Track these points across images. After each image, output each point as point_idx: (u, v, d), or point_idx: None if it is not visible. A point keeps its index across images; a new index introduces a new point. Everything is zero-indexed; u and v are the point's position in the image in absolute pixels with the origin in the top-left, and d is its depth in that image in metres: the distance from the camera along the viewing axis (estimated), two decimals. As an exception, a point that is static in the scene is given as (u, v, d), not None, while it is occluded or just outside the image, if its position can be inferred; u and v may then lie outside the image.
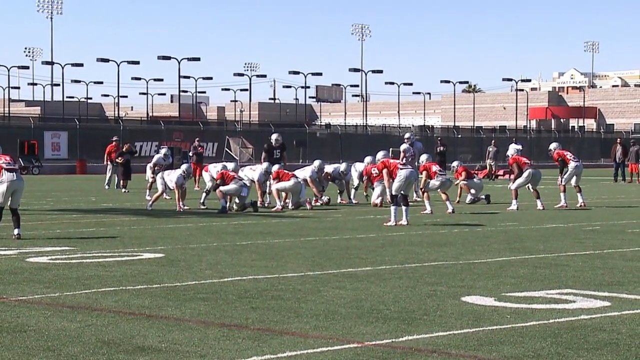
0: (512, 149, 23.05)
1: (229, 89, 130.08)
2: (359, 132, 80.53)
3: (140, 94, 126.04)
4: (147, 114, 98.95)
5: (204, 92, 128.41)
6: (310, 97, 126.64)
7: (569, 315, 8.12)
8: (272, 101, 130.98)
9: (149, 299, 8.94)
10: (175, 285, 9.85)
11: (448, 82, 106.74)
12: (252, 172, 22.64)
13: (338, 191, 24.42)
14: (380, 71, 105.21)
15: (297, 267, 11.30)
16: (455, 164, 25.50)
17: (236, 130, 70.64)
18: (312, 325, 7.70)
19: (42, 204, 23.63)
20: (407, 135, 26.88)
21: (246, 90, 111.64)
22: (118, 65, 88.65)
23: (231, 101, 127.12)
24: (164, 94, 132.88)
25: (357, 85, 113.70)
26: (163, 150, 28.60)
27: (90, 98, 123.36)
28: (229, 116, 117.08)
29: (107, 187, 31.90)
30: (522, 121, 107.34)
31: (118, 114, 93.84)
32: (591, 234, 15.71)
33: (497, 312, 8.28)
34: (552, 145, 23.96)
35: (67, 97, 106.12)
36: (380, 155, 20.52)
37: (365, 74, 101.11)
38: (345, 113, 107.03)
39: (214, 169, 22.60)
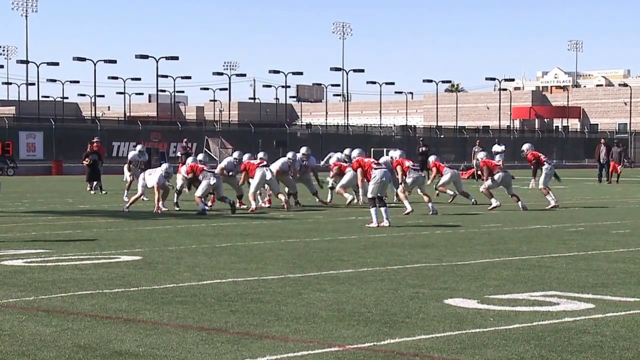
0: (481, 151, 23.40)
1: (208, 89, 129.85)
2: (340, 132, 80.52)
3: (118, 93, 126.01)
4: (125, 113, 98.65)
5: (183, 92, 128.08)
6: (290, 97, 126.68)
7: (553, 317, 8.04)
8: (252, 101, 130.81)
9: (127, 302, 8.79)
10: (153, 288, 9.70)
11: (430, 81, 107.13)
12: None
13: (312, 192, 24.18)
14: (362, 70, 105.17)
15: (278, 270, 11.17)
16: (432, 158, 24.82)
17: (215, 130, 70.51)
18: (293, 328, 7.58)
19: (17, 205, 23.40)
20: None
21: (225, 89, 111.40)
22: (95, 64, 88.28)
23: (210, 101, 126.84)
24: (142, 94, 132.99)
25: (339, 85, 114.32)
26: (138, 147, 28.34)
27: (67, 98, 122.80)
28: (208, 116, 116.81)
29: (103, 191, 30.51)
30: (506, 121, 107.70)
31: (95, 113, 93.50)
32: (575, 235, 15.66)
33: (480, 314, 8.18)
34: (525, 146, 24.06)
35: (42, 96, 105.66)
36: (355, 153, 20.39)
37: (347, 73, 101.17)
38: (327, 113, 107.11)
39: (184, 170, 22.31)
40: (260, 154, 23.39)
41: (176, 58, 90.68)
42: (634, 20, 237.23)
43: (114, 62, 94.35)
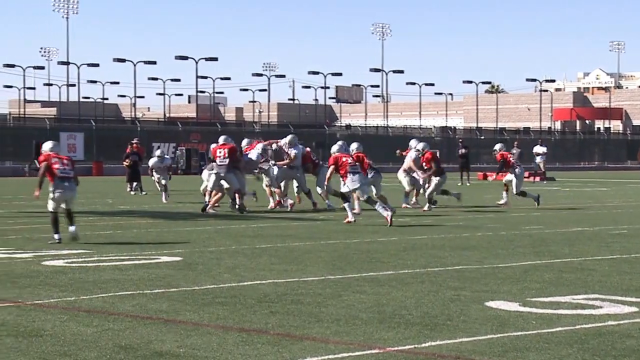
0: (518, 152, 23.78)
1: (247, 90, 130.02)
2: (379, 133, 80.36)
3: (158, 94, 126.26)
4: (165, 114, 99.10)
5: (222, 93, 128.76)
6: (330, 98, 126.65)
7: (596, 321, 7.94)
8: (291, 102, 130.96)
9: (167, 303, 8.81)
10: (194, 289, 9.71)
11: (470, 82, 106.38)
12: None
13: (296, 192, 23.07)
14: (402, 71, 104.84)
15: (318, 271, 11.14)
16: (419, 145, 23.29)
17: (255, 131, 70.62)
18: (333, 330, 7.55)
19: (61, 205, 23.55)
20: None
21: (265, 90, 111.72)
22: (135, 65, 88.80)
23: (249, 102, 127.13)
24: (182, 95, 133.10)
25: (378, 86, 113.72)
26: (157, 152, 28.03)
27: (107, 99, 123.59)
28: (247, 117, 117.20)
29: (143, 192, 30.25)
30: (547, 122, 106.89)
31: (135, 114, 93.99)
32: (618, 238, 15.47)
33: (522, 317, 8.10)
34: (498, 146, 24.65)
35: (83, 97, 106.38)
36: (334, 148, 20.26)
37: (386, 74, 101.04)
38: (366, 114, 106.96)
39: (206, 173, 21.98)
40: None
41: (215, 59, 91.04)
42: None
43: (154, 63, 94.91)
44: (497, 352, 6.76)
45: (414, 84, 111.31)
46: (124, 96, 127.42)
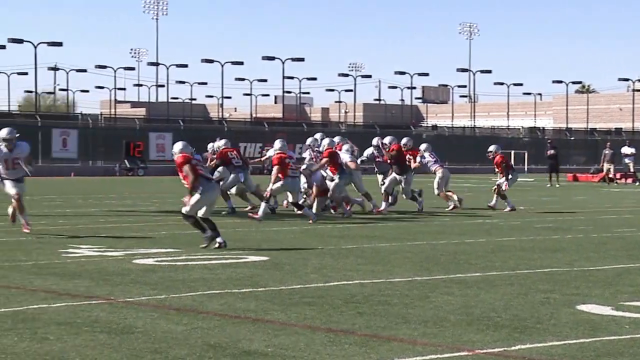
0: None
1: (333, 90, 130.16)
2: (466, 134, 79.73)
3: (244, 94, 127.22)
4: (251, 115, 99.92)
5: (308, 93, 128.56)
6: (416, 98, 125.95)
7: (693, 326, 7.73)
8: (377, 102, 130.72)
9: (255, 302, 8.87)
10: (281, 289, 9.75)
11: (560, 82, 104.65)
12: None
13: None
14: (489, 71, 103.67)
15: (404, 272, 11.09)
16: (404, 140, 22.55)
17: (340, 131, 70.66)
18: (421, 331, 7.51)
19: (148, 205, 23.91)
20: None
21: (351, 90, 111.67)
22: (222, 66, 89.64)
23: (335, 102, 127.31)
24: (268, 95, 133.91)
25: (465, 86, 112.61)
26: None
27: (195, 99, 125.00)
28: (333, 117, 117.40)
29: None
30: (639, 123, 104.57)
31: (222, 115, 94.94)
32: None
33: (615, 321, 7.93)
34: (493, 147, 22.95)
35: (171, 98, 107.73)
36: (325, 142, 20.13)
37: (474, 74, 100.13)
38: (453, 114, 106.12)
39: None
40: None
41: (302, 59, 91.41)
42: None
43: (241, 63, 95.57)
44: (589, 357, 6.64)
45: (502, 84, 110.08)
46: (211, 96, 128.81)
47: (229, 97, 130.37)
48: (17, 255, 12.62)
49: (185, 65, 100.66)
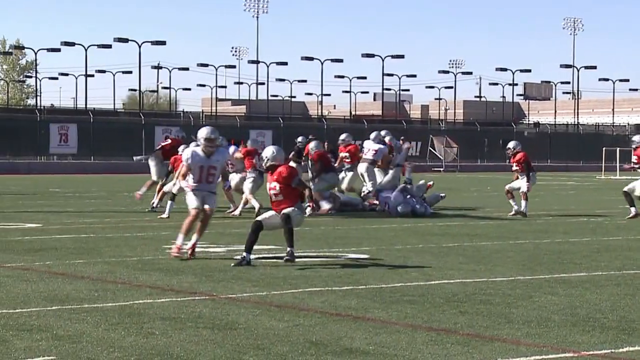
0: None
1: (433, 87, 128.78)
2: (569, 132, 78.34)
3: (343, 92, 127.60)
4: (350, 112, 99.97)
5: (408, 90, 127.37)
6: (517, 95, 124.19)
7: None
8: (478, 99, 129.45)
9: (355, 300, 8.87)
10: (381, 286, 9.73)
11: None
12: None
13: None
14: (594, 67, 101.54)
15: (507, 271, 10.96)
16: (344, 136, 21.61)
17: (440, 129, 70.27)
18: (524, 332, 7.40)
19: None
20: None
21: (451, 87, 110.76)
22: (322, 64, 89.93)
23: (435, 99, 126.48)
24: (367, 92, 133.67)
25: (568, 82, 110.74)
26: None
27: (294, 96, 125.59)
28: (433, 114, 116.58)
29: None
30: None
31: (321, 112, 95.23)
32: None
33: None
34: (512, 144, 20.29)
35: (271, 95, 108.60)
36: (312, 145, 20.23)
37: (577, 70, 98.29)
38: (555, 111, 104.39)
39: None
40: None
41: (402, 56, 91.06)
42: None
43: (341, 61, 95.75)
44: (700, 361, 6.45)
45: (606, 80, 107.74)
46: (310, 94, 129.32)
47: (328, 95, 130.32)
48: (123, 251, 12.89)
49: (285, 63, 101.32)
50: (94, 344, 6.90)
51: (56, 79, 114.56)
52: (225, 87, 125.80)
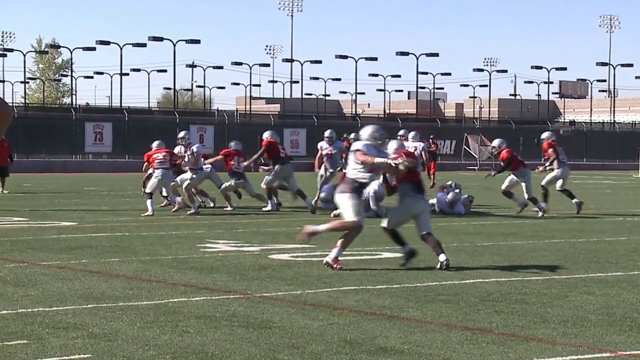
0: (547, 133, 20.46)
1: (467, 85, 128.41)
2: (605, 130, 77.68)
3: (378, 90, 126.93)
4: (384, 110, 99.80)
5: (442, 89, 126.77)
6: (553, 93, 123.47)
7: None
8: (513, 97, 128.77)
9: (390, 299, 8.85)
10: (416, 286, 9.71)
11: None
12: None
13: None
14: (631, 65, 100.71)
15: (542, 271, 10.89)
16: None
17: (475, 127, 69.95)
18: (560, 331, 7.35)
19: (282, 201, 24.13)
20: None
21: (485, 86, 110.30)
22: (356, 62, 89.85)
23: (470, 97, 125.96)
24: (401, 91, 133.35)
25: (605, 80, 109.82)
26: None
27: (329, 95, 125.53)
28: (468, 113, 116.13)
29: None
30: None
31: (355, 111, 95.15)
32: None
33: None
34: (497, 142, 20.03)
35: (305, 94, 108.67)
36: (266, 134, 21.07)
37: (614, 68, 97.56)
38: (591, 109, 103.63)
39: None
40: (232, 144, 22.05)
41: (436, 55, 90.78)
42: None
43: (375, 59, 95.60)
44: None
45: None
46: (345, 92, 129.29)
47: (363, 93, 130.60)
48: (157, 249, 12.95)
49: (319, 62, 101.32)
50: (129, 342, 6.94)
51: (91, 77, 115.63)
52: (259, 85, 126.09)
